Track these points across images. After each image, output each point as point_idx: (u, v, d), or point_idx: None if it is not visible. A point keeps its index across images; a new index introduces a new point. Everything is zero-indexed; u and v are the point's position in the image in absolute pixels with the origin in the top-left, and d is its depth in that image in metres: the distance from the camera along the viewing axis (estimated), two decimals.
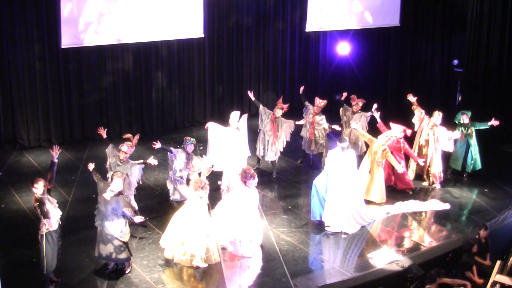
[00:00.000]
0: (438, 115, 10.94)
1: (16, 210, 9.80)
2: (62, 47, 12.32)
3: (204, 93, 14.80)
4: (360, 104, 11.83)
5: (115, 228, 7.69)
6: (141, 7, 12.95)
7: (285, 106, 11.43)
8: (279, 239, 9.03)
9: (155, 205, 10.16)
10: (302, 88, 12.16)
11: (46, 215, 7.31)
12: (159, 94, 14.16)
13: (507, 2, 13.25)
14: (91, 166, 8.20)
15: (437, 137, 10.92)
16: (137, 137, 10.18)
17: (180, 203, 9.57)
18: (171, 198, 10.27)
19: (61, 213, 7.68)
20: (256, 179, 8.55)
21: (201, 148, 12.87)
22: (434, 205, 10.35)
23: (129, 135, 10.06)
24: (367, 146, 10.75)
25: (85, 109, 13.25)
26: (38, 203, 7.26)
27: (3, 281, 6.75)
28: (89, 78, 13.14)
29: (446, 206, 10.31)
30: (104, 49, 13.08)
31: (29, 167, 11.76)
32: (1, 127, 12.33)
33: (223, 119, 14.83)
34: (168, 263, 8.27)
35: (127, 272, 7.99)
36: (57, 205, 7.62)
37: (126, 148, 9.23)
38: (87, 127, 13.33)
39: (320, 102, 11.52)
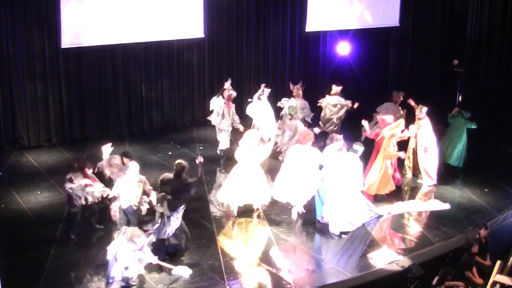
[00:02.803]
0: (420, 108, 10.99)
1: (16, 210, 9.79)
2: (62, 47, 12.32)
3: (204, 93, 14.77)
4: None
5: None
6: (141, 7, 12.95)
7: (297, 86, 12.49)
8: (279, 239, 9.03)
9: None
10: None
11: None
12: (159, 94, 14.14)
13: (507, 2, 13.27)
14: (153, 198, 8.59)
15: (421, 130, 10.95)
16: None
17: None
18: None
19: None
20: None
21: (201, 148, 12.88)
22: (434, 205, 10.35)
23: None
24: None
25: (85, 109, 13.23)
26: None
27: (3, 281, 6.75)
28: (89, 78, 13.12)
29: (446, 206, 10.31)
30: (104, 49, 13.07)
31: (29, 167, 11.75)
32: (1, 127, 12.32)
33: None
34: (168, 263, 8.26)
35: None
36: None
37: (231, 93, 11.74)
38: (87, 127, 13.32)
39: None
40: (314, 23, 15.23)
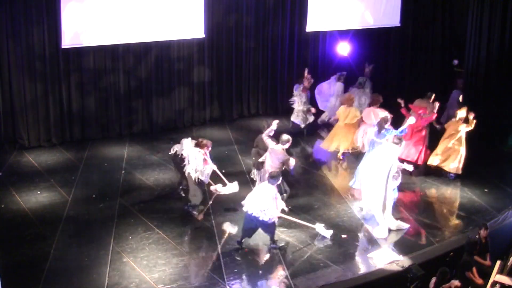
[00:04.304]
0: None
1: (16, 210, 9.80)
2: (62, 47, 12.32)
3: (203, 93, 14.78)
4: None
5: None
6: (141, 7, 12.94)
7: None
8: (279, 239, 9.02)
9: (156, 205, 10.13)
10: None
11: None
12: (159, 94, 14.13)
13: (507, 2, 13.26)
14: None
15: None
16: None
17: None
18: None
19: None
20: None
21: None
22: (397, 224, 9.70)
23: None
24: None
25: (85, 109, 13.21)
26: None
27: (3, 281, 6.76)
28: (89, 78, 13.11)
29: (405, 225, 9.62)
30: (104, 49, 13.07)
31: (29, 167, 11.75)
32: (1, 127, 12.32)
33: (223, 119, 14.90)
34: (168, 263, 8.27)
35: None
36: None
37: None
38: (87, 127, 13.31)
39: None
40: (314, 23, 15.22)
